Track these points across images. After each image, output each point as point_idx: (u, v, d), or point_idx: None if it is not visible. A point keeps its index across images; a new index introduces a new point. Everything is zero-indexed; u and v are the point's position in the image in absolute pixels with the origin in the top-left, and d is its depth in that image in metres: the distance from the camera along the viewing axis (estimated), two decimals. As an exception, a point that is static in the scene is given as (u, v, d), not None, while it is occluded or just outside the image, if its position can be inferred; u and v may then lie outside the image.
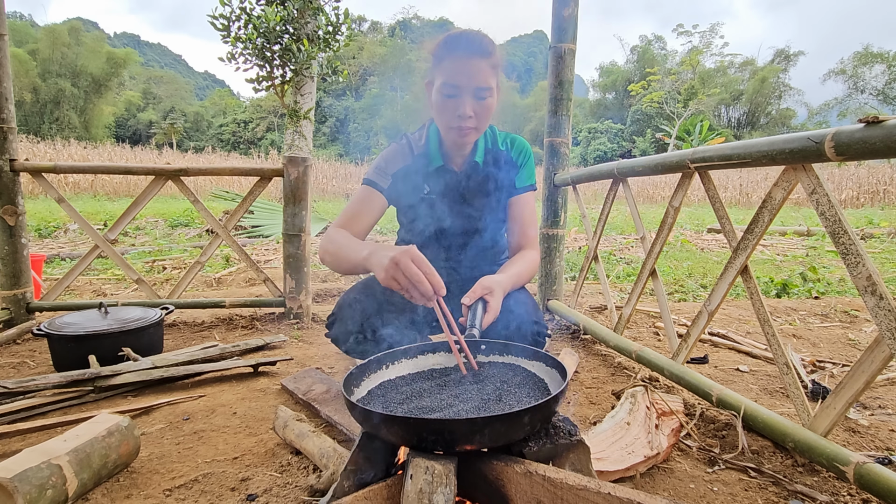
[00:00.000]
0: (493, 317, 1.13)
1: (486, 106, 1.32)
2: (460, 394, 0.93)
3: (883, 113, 3.32)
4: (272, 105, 45.64)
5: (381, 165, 1.48)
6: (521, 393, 0.93)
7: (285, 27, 2.27)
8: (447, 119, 1.34)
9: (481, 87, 1.29)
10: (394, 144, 1.53)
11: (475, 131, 1.36)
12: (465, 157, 1.49)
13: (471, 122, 1.32)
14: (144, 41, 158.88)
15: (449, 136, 1.39)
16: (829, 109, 39.68)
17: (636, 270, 4.34)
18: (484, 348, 1.10)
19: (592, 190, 16.62)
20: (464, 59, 1.28)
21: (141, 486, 1.15)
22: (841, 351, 2.23)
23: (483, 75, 1.28)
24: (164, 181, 2.59)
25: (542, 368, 1.02)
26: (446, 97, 1.31)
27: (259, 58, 2.28)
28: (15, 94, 3.65)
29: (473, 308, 1.13)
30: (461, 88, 1.29)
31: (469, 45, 1.28)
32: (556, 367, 0.97)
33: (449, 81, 1.29)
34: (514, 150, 1.54)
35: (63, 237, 6.49)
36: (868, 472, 1.01)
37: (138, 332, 1.93)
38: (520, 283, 1.36)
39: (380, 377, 1.03)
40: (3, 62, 2.35)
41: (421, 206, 1.50)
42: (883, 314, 1.01)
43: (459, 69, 1.28)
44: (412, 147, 1.50)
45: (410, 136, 1.53)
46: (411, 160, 1.49)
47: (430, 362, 1.10)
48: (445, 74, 1.30)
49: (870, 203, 15.82)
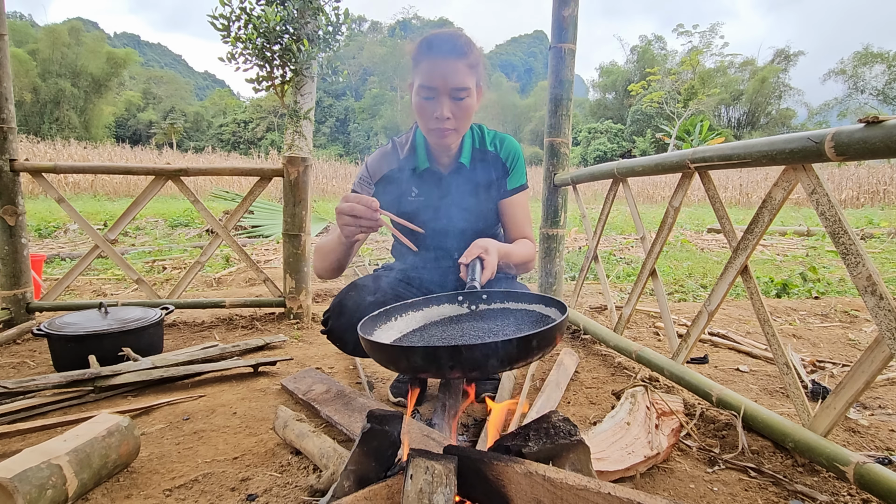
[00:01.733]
0: (490, 273, 1.17)
1: (463, 107, 1.32)
2: (471, 329, 1.01)
3: (883, 113, 3.32)
4: (272, 105, 45.64)
5: (365, 175, 1.51)
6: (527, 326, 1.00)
7: (285, 27, 2.27)
8: (426, 121, 1.35)
9: (457, 88, 1.29)
10: (380, 149, 1.55)
11: (455, 132, 1.36)
12: (452, 159, 1.50)
13: (449, 124, 1.33)
14: (144, 41, 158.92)
15: (430, 138, 1.40)
16: (829, 109, 39.70)
17: (636, 270, 4.34)
18: (486, 297, 1.14)
19: (592, 190, 16.62)
20: (438, 60, 1.28)
21: (141, 486, 1.15)
22: (841, 351, 2.23)
23: (459, 76, 1.29)
24: (164, 181, 2.59)
25: (543, 308, 1.07)
26: (424, 99, 1.32)
27: (259, 58, 2.28)
28: (15, 94, 3.65)
29: (472, 265, 1.16)
30: (437, 90, 1.29)
31: (443, 46, 1.29)
32: (555, 306, 1.03)
33: (425, 83, 1.30)
34: (504, 150, 1.53)
35: (63, 237, 6.49)
36: (868, 472, 1.01)
37: (138, 332, 1.93)
38: (512, 256, 1.37)
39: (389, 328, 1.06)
40: (3, 62, 2.35)
41: (409, 210, 1.50)
42: (883, 314, 1.01)
43: (434, 70, 1.28)
44: (398, 151, 1.51)
45: (396, 139, 1.54)
46: (397, 164, 1.49)
47: (436, 313, 1.13)
48: (422, 76, 1.30)
49: (870, 203, 15.82)
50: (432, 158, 1.49)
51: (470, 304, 1.14)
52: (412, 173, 1.49)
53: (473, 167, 1.50)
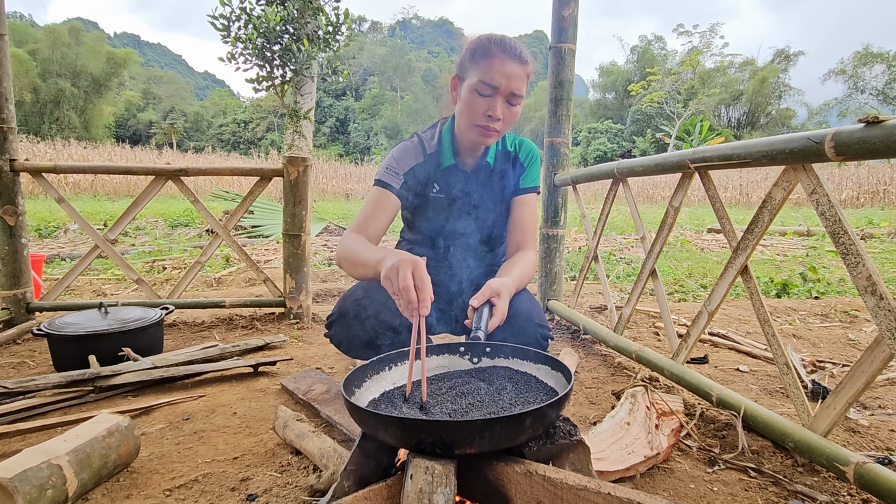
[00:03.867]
0: (499, 321, 1.13)
1: (514, 112, 1.34)
2: (463, 396, 0.93)
3: (883, 113, 3.32)
4: (272, 105, 45.67)
5: (392, 165, 1.47)
6: (526, 396, 0.93)
7: (285, 27, 2.27)
8: (475, 117, 1.33)
9: (515, 94, 1.31)
10: (404, 143, 1.53)
11: (497, 134, 1.37)
12: (477, 158, 1.50)
13: (497, 125, 1.33)
14: (144, 41, 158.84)
15: (470, 135, 1.39)
16: (829, 109, 39.70)
17: (636, 270, 4.34)
18: (489, 351, 1.10)
19: (592, 190, 16.61)
20: (506, 61, 1.29)
21: (141, 486, 1.15)
22: (841, 351, 2.23)
23: (519, 82, 1.30)
24: (164, 181, 2.59)
25: (547, 372, 1.02)
26: (480, 95, 1.31)
27: (259, 58, 2.28)
28: (15, 94, 3.65)
29: (480, 310, 1.13)
30: (498, 89, 1.29)
31: (513, 51, 1.30)
32: (561, 371, 0.97)
33: (486, 80, 1.29)
34: (522, 151, 1.54)
35: (63, 237, 6.49)
36: (868, 472, 1.01)
37: (138, 332, 1.93)
38: (521, 286, 1.37)
39: (381, 379, 1.02)
40: (3, 62, 2.35)
41: (430, 205, 1.50)
42: (883, 314, 1.01)
43: (499, 70, 1.28)
44: (424, 146, 1.50)
45: (422, 134, 1.54)
46: (423, 159, 1.49)
47: (434, 364, 1.09)
48: (484, 73, 1.30)
49: (870, 203, 15.82)
50: (457, 156, 1.49)
51: (472, 356, 1.10)
52: (436, 169, 1.48)
53: (497, 168, 1.51)
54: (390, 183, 1.45)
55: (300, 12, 2.30)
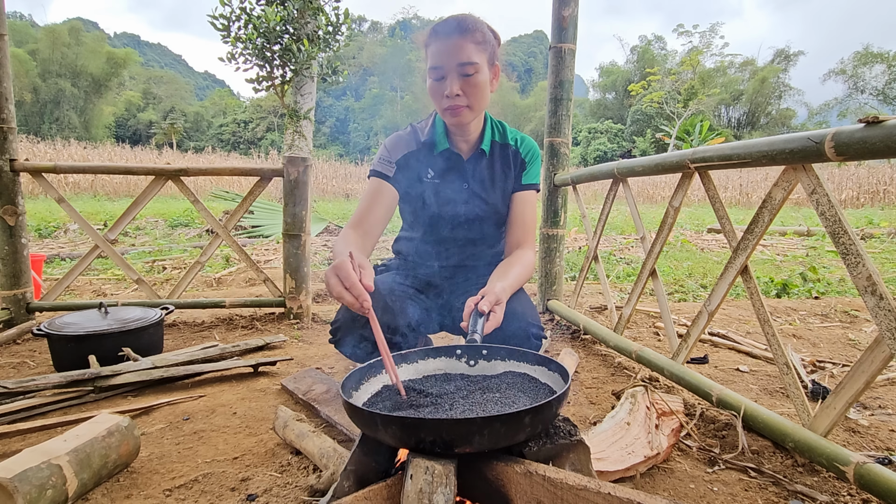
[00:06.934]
0: (494, 325, 1.14)
1: (472, 83, 1.33)
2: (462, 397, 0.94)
3: (883, 113, 3.32)
4: (272, 105, 45.64)
5: (385, 155, 1.48)
6: (524, 396, 0.93)
7: (285, 27, 2.27)
8: (439, 102, 1.36)
9: (463, 63, 1.30)
10: (398, 133, 1.53)
11: (468, 110, 1.36)
12: (472, 145, 1.50)
13: (460, 101, 1.33)
14: (144, 41, 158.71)
15: (446, 119, 1.41)
16: (829, 109, 39.72)
17: (636, 270, 4.34)
18: (486, 353, 1.10)
19: (592, 190, 16.61)
20: (443, 39, 1.31)
21: (141, 486, 1.15)
22: (841, 351, 2.23)
23: (464, 52, 1.30)
24: (164, 181, 2.59)
25: (545, 373, 1.02)
26: (434, 80, 1.34)
27: (259, 58, 2.28)
28: (15, 94, 3.65)
29: (475, 314, 1.13)
30: (444, 68, 1.31)
31: (447, 26, 1.32)
32: (558, 372, 0.97)
33: (433, 64, 1.33)
34: (524, 148, 1.54)
35: (63, 237, 6.49)
36: (868, 472, 1.01)
37: (138, 332, 1.93)
38: (518, 286, 1.37)
39: (379, 381, 1.02)
40: (3, 62, 2.35)
41: (425, 191, 1.49)
42: (883, 314, 1.01)
43: (441, 50, 1.31)
44: (418, 135, 1.51)
45: (416, 124, 1.55)
46: (416, 146, 1.49)
47: (431, 367, 1.10)
48: (430, 60, 1.34)
49: (870, 203, 15.82)
50: (452, 142, 1.49)
51: (469, 359, 1.10)
52: (430, 154, 1.49)
53: (493, 156, 1.51)
54: (384, 171, 1.45)
55: (300, 12, 2.30)
